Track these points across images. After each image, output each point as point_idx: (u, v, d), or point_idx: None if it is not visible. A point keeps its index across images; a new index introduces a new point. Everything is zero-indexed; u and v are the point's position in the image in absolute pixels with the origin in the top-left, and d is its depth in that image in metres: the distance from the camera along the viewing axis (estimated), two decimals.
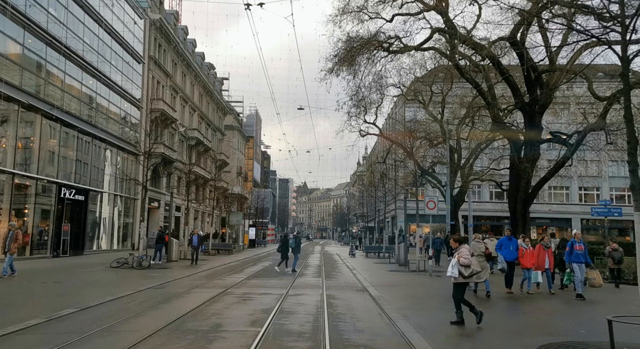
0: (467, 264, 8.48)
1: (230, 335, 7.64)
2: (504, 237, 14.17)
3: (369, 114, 30.53)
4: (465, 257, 8.52)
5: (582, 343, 7.23)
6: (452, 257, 8.73)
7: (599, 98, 22.42)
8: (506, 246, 13.59)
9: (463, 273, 8.47)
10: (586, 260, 12.83)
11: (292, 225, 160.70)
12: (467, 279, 8.60)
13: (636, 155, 9.34)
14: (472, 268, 8.53)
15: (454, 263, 8.53)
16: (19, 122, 21.90)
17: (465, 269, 8.48)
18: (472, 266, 8.53)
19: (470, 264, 8.52)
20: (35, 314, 8.73)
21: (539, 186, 25.61)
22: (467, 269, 8.49)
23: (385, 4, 23.29)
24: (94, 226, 29.13)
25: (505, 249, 13.43)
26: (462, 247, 8.79)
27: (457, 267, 8.47)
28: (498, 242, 13.94)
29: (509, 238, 13.85)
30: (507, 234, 14.08)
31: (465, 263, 8.47)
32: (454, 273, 8.49)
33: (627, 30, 9.52)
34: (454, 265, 8.50)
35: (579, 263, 12.74)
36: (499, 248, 13.53)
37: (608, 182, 46.33)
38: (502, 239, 14.03)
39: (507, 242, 13.68)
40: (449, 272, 8.59)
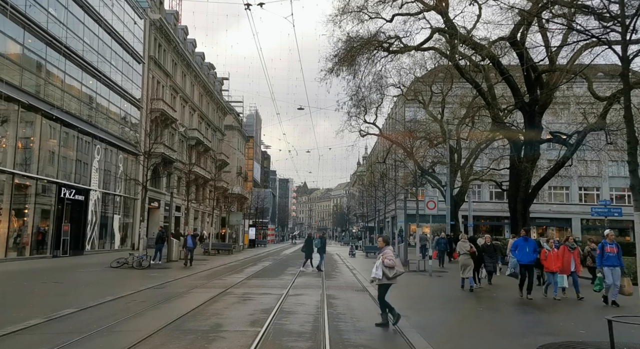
0: (391, 266, 8.35)
1: (230, 335, 7.64)
2: (519, 238, 13.13)
3: (369, 114, 30.55)
4: (389, 258, 8.40)
5: (582, 343, 7.23)
6: (377, 259, 8.62)
7: (599, 98, 22.41)
8: (522, 247, 12.56)
9: (387, 274, 8.34)
10: (620, 264, 11.27)
11: (292, 225, 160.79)
12: (391, 281, 8.45)
13: (636, 155, 9.34)
14: (396, 269, 8.39)
15: (379, 264, 8.41)
16: (19, 122, 21.90)
17: (390, 270, 8.35)
18: (396, 268, 8.39)
19: (394, 265, 8.39)
20: (35, 314, 8.73)
21: (539, 186, 25.59)
22: (392, 270, 8.36)
23: (385, 4, 23.30)
24: (94, 226, 29.12)
25: (520, 251, 12.52)
26: (387, 248, 8.67)
27: (381, 268, 8.35)
28: (513, 243, 13.05)
29: (525, 239, 12.79)
30: (522, 235, 13.01)
31: (390, 264, 8.34)
32: (377, 274, 8.38)
33: (627, 30, 9.52)
34: (378, 266, 8.39)
35: (612, 267, 11.18)
36: (514, 250, 12.73)
37: (608, 182, 46.33)
38: (518, 241, 12.98)
39: (523, 244, 12.63)
40: (373, 273, 8.47)
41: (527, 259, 12.41)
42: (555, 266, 12.28)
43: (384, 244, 8.77)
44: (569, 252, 12.56)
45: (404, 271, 8.87)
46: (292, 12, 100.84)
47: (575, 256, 12.73)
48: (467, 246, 14.46)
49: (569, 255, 12.54)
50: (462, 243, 14.67)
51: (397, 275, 8.47)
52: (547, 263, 12.43)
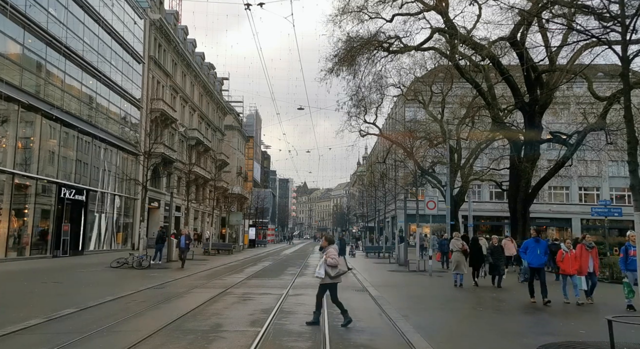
0: (334, 265, 8.34)
1: (230, 335, 7.65)
2: (529, 239, 12.26)
3: (369, 114, 30.53)
4: (332, 257, 8.37)
5: (582, 343, 7.23)
6: (320, 258, 8.59)
7: (599, 98, 22.41)
8: (532, 249, 11.78)
9: (330, 273, 8.34)
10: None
11: (292, 225, 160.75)
12: (333, 280, 8.44)
13: (636, 155, 9.34)
14: (338, 268, 8.39)
15: (322, 263, 8.40)
16: (19, 122, 21.90)
17: (332, 269, 8.34)
18: (339, 267, 8.38)
19: (337, 264, 8.38)
20: (35, 314, 8.73)
21: (539, 186, 25.59)
22: (334, 269, 8.35)
23: (385, 4, 23.30)
24: (94, 226, 29.13)
25: (531, 253, 11.74)
26: (330, 247, 8.64)
27: (323, 267, 8.34)
28: (523, 244, 12.27)
29: (536, 240, 11.97)
30: (532, 235, 12.18)
31: (332, 263, 8.33)
32: (320, 274, 8.36)
33: (627, 30, 9.52)
34: (321, 265, 8.38)
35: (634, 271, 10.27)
36: (524, 252, 11.93)
37: (608, 182, 46.30)
38: (528, 242, 12.12)
39: (534, 245, 11.83)
40: (316, 273, 8.47)
41: (538, 262, 11.66)
42: (573, 268, 11.35)
43: (327, 243, 8.73)
44: (587, 252, 11.57)
45: (347, 270, 8.78)
46: (292, 12, 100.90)
47: (594, 256, 11.73)
48: (459, 244, 15.44)
49: (587, 255, 11.53)
50: (455, 241, 15.75)
51: (339, 274, 8.46)
52: (564, 265, 11.52)
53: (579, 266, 11.28)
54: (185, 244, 21.25)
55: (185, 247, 21.26)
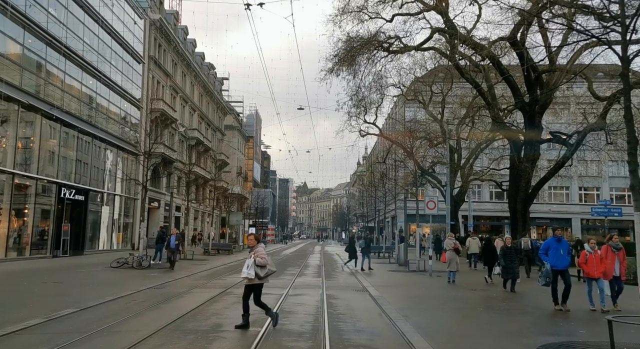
0: (263, 264, 7.97)
1: (230, 335, 7.64)
2: (550, 238, 11.13)
3: (369, 114, 30.59)
4: (262, 256, 7.99)
5: (582, 343, 7.22)
6: (249, 258, 8.13)
7: (599, 98, 22.43)
8: (554, 249, 10.66)
9: (259, 274, 7.97)
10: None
11: (292, 225, 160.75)
12: (262, 280, 8.07)
13: (636, 155, 9.35)
14: (267, 268, 8.05)
15: (250, 263, 7.96)
16: (19, 122, 21.90)
17: (262, 269, 7.98)
18: (268, 266, 8.04)
19: (267, 264, 8.01)
20: (35, 314, 8.73)
21: (539, 186, 25.62)
22: (263, 269, 8.00)
23: (385, 4, 23.33)
24: (94, 226, 29.13)
25: (553, 254, 10.61)
26: (259, 246, 8.27)
27: (252, 267, 7.94)
28: (543, 244, 11.14)
29: (558, 239, 10.80)
30: (557, 234, 10.93)
31: (262, 263, 7.96)
32: (249, 274, 7.93)
33: (627, 30, 9.53)
34: (250, 265, 7.95)
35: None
36: (545, 253, 10.77)
37: (608, 182, 46.32)
38: (549, 241, 11.00)
39: (556, 245, 10.72)
40: (244, 273, 7.98)
41: (562, 264, 10.61)
42: (598, 271, 10.33)
43: (256, 242, 8.33)
44: (613, 254, 10.42)
45: (275, 270, 8.45)
46: (292, 12, 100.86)
47: (621, 259, 10.62)
48: (451, 243, 16.69)
49: (613, 257, 10.40)
50: (448, 240, 17.05)
51: (268, 274, 8.14)
52: (587, 268, 10.49)
53: (605, 269, 10.32)
54: (175, 244, 20.23)
55: (175, 247, 20.20)
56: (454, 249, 16.81)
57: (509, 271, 13.79)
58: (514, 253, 14.23)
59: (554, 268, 10.55)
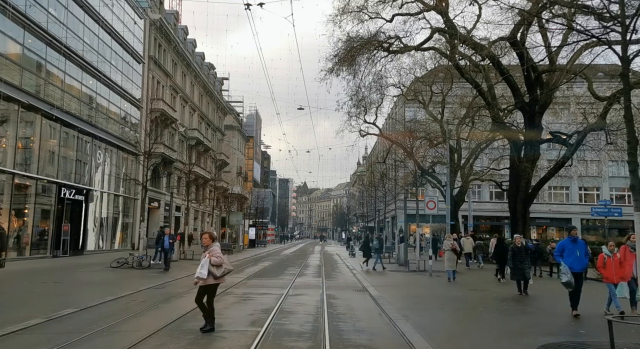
0: (218, 264, 7.69)
1: (230, 335, 7.65)
2: (565, 239, 10.38)
3: (369, 114, 30.56)
4: (217, 256, 7.71)
5: (582, 343, 7.22)
6: (202, 257, 7.85)
7: (599, 98, 22.42)
8: (570, 251, 9.99)
9: (214, 273, 7.67)
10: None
11: (292, 225, 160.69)
12: (218, 280, 7.81)
13: (636, 155, 9.33)
14: (224, 268, 7.77)
15: (204, 262, 7.66)
16: (19, 122, 21.90)
17: (217, 269, 7.69)
18: (224, 266, 7.76)
19: (223, 263, 7.73)
20: (35, 314, 8.73)
21: (539, 186, 25.61)
22: (219, 269, 7.71)
23: (385, 4, 23.31)
24: (94, 226, 29.12)
25: (569, 256, 9.94)
26: (214, 245, 7.96)
27: (207, 267, 7.62)
28: (558, 245, 10.49)
29: (574, 240, 10.10)
30: (573, 234, 10.18)
31: (217, 262, 7.67)
32: (202, 274, 7.60)
33: (627, 30, 9.53)
34: (204, 265, 7.63)
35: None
36: (560, 254, 10.10)
37: (608, 182, 46.29)
38: (564, 242, 10.28)
39: (572, 247, 10.03)
40: (198, 273, 7.63)
41: (579, 266, 9.92)
42: (617, 276, 9.63)
43: (211, 240, 7.97)
44: (632, 254, 9.69)
45: (232, 268, 8.18)
46: (292, 12, 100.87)
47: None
48: (449, 244, 17.48)
49: (632, 258, 9.66)
50: (447, 241, 17.87)
51: (225, 273, 7.87)
52: (606, 272, 9.77)
53: (624, 272, 9.67)
54: (169, 244, 19.64)
55: (169, 248, 19.59)
56: (452, 249, 17.47)
57: (519, 273, 13.19)
58: (524, 253, 13.55)
59: (571, 269, 9.80)
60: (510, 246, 14.26)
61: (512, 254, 13.51)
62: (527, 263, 13.52)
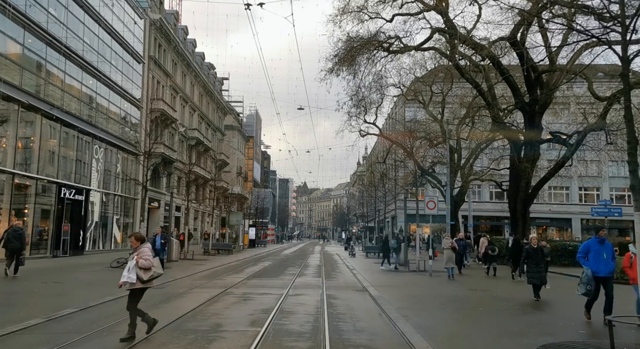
0: (147, 267, 7.20)
1: (230, 335, 7.65)
2: (591, 239, 9.42)
3: (369, 114, 30.57)
4: (146, 258, 7.24)
5: (582, 343, 7.22)
6: (130, 259, 7.39)
7: (599, 98, 22.42)
8: (597, 253, 9.05)
9: (142, 277, 7.18)
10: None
11: (292, 225, 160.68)
12: (146, 284, 7.30)
13: (636, 155, 9.33)
14: (152, 271, 7.28)
15: (132, 265, 7.18)
16: (19, 122, 21.89)
17: (145, 272, 7.21)
18: (153, 269, 7.28)
19: (152, 266, 7.26)
20: (35, 314, 8.73)
21: (539, 186, 25.62)
22: (148, 272, 7.23)
23: (385, 4, 23.32)
24: (94, 226, 29.11)
25: (595, 258, 9.00)
26: (144, 246, 7.47)
27: (134, 270, 7.14)
28: (582, 246, 9.44)
29: (601, 241, 9.14)
30: (601, 235, 9.22)
31: (145, 265, 7.18)
32: (130, 278, 7.11)
33: (628, 30, 9.53)
34: (132, 268, 7.16)
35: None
36: (584, 257, 9.16)
37: (608, 182, 46.30)
38: (590, 243, 9.30)
39: (599, 248, 9.08)
40: (125, 277, 7.14)
41: (605, 270, 8.97)
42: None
43: (139, 242, 7.49)
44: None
45: (162, 272, 7.66)
46: (292, 12, 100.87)
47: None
48: (448, 242, 18.57)
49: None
50: (445, 240, 19.13)
51: (154, 277, 7.37)
52: (633, 273, 8.85)
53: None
54: (161, 244, 18.36)
55: (160, 249, 18.30)
56: (451, 248, 18.37)
57: (535, 276, 12.10)
58: (540, 256, 12.39)
59: (595, 274, 8.97)
60: (524, 247, 13.27)
61: (527, 255, 12.47)
62: (542, 265, 12.42)
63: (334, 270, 21.93)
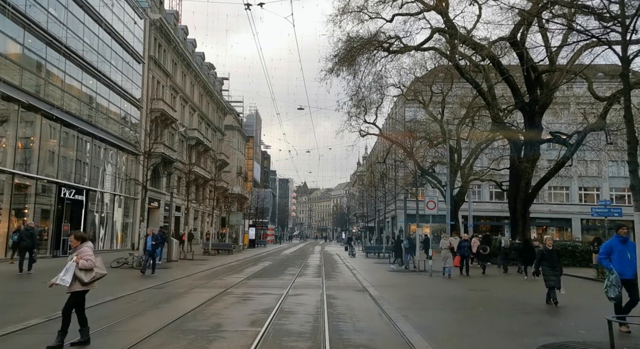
0: (88, 268, 6.68)
1: (230, 335, 7.64)
2: (612, 238, 8.59)
3: (369, 114, 30.56)
4: (87, 258, 6.71)
5: (582, 343, 7.21)
6: (69, 259, 6.82)
7: (599, 98, 22.42)
8: (620, 253, 8.30)
9: (82, 279, 6.63)
10: None
11: (292, 225, 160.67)
12: (86, 286, 6.77)
13: (636, 155, 9.34)
14: (94, 272, 6.77)
15: (69, 266, 6.62)
16: (19, 122, 21.89)
17: (86, 273, 6.67)
18: (95, 270, 6.77)
19: (93, 266, 6.74)
20: (35, 314, 8.73)
21: (539, 186, 25.62)
22: (89, 273, 6.69)
23: (385, 4, 23.31)
24: (94, 226, 29.11)
25: (619, 259, 8.27)
26: (84, 246, 6.93)
27: (72, 271, 6.60)
28: (604, 246, 8.72)
29: (624, 240, 8.39)
30: (622, 233, 8.44)
31: (87, 266, 6.66)
32: (64, 281, 6.54)
33: (628, 30, 9.54)
34: (69, 269, 6.59)
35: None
36: (606, 257, 8.43)
37: (608, 182, 46.29)
38: (612, 242, 8.52)
39: (622, 248, 8.33)
40: (59, 279, 6.56)
41: (630, 272, 8.09)
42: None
43: (79, 241, 6.97)
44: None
45: (105, 272, 7.10)
46: (292, 12, 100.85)
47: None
48: (446, 243, 19.12)
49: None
50: (443, 241, 19.61)
51: (96, 278, 6.83)
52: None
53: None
54: (152, 245, 17.50)
55: (151, 250, 17.45)
56: (449, 248, 18.82)
57: (551, 279, 11.30)
58: (556, 258, 11.61)
59: (621, 276, 8.20)
60: (539, 249, 12.21)
61: (541, 257, 11.57)
62: (558, 268, 11.53)
63: (334, 270, 21.93)
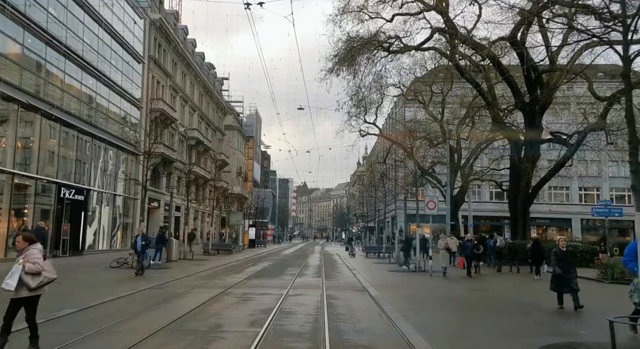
0: (36, 271, 6.19)
1: (230, 335, 7.63)
2: (635, 241, 7.78)
3: (369, 114, 30.57)
4: (34, 261, 6.24)
5: (583, 343, 7.20)
6: (16, 263, 6.30)
7: (599, 98, 22.42)
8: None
9: (29, 284, 6.15)
10: None
11: (292, 225, 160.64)
12: (34, 292, 6.29)
13: (637, 155, 9.31)
14: (42, 276, 6.28)
15: (15, 269, 6.14)
16: (18, 122, 21.86)
17: (33, 278, 6.18)
18: (43, 273, 6.29)
19: (42, 270, 6.26)
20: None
21: (539, 186, 25.62)
22: (36, 278, 6.20)
23: (385, 3, 23.33)
24: (94, 226, 29.07)
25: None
26: (32, 248, 6.46)
27: (18, 275, 6.10)
28: (628, 249, 8.30)
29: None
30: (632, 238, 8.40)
31: (35, 270, 6.17)
32: (9, 285, 6.04)
33: (629, 30, 9.51)
34: (15, 272, 6.11)
35: None
36: (630, 260, 8.05)
37: (608, 182, 46.28)
38: (634, 245, 7.80)
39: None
40: (3, 283, 6.10)
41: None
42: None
43: (27, 243, 6.51)
44: None
45: (55, 276, 6.58)
46: (292, 12, 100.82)
47: None
48: (443, 243, 20.60)
49: None
50: (441, 241, 21.31)
51: (44, 283, 6.35)
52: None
53: None
54: (142, 246, 16.90)
55: (140, 250, 16.89)
56: (446, 248, 19.84)
57: (565, 283, 10.65)
58: (570, 259, 11.06)
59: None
60: (553, 250, 11.39)
61: (557, 258, 10.85)
62: (573, 271, 10.87)
63: (334, 270, 21.91)
